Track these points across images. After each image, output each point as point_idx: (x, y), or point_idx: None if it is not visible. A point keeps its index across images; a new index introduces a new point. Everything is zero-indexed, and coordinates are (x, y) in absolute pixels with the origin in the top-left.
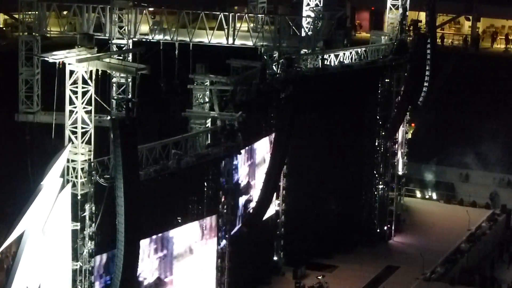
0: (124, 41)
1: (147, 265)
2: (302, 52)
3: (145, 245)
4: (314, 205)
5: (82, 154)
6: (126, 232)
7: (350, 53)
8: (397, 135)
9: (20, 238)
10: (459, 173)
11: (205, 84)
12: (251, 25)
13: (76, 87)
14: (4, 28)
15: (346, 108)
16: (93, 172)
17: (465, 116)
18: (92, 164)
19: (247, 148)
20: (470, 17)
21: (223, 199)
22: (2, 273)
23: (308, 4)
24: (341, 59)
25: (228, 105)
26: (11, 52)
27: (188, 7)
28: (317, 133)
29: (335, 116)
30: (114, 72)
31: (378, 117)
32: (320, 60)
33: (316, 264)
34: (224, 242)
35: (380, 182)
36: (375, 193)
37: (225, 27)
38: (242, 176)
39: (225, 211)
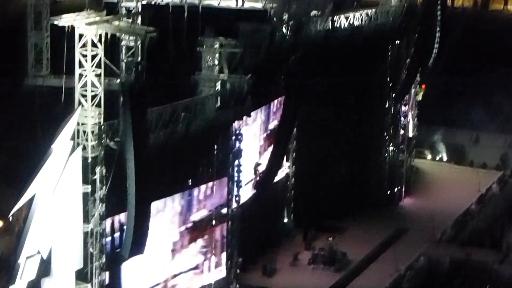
0: (133, 4)
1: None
2: (311, 14)
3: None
4: (324, 167)
5: (92, 117)
6: (136, 195)
7: (360, 15)
8: (407, 97)
9: (31, 201)
10: (469, 135)
11: (214, 47)
12: None
13: (86, 50)
14: None
15: (356, 71)
16: (103, 135)
17: (475, 78)
18: (102, 127)
19: (256, 111)
20: None
21: (232, 162)
22: (13, 237)
23: None
24: (351, 21)
25: (237, 68)
26: (20, 16)
27: None
28: (327, 95)
29: (345, 79)
30: (123, 35)
31: (388, 79)
32: (329, 23)
33: (326, 226)
34: (234, 205)
35: (390, 144)
36: (385, 155)
37: None
38: (251, 139)
39: (235, 174)
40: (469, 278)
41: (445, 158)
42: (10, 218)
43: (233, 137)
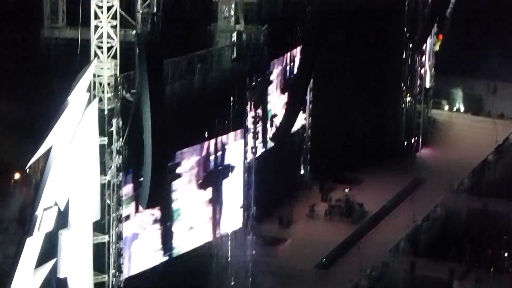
0: None
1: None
2: None
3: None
4: (340, 118)
5: (108, 69)
6: (153, 146)
7: None
8: (424, 47)
9: (48, 153)
10: (487, 85)
11: None
12: None
13: (101, 2)
14: None
15: (373, 21)
16: (119, 87)
17: (493, 27)
18: (118, 79)
19: (273, 61)
20: None
21: (249, 114)
22: (31, 188)
23: None
24: None
25: (253, 18)
26: None
27: None
28: (344, 46)
29: (362, 29)
30: None
31: (405, 30)
32: None
33: (343, 177)
34: (251, 156)
35: (408, 95)
36: (402, 106)
37: None
38: (268, 91)
39: (252, 125)
40: (486, 228)
41: (462, 109)
42: (28, 170)
43: (250, 88)
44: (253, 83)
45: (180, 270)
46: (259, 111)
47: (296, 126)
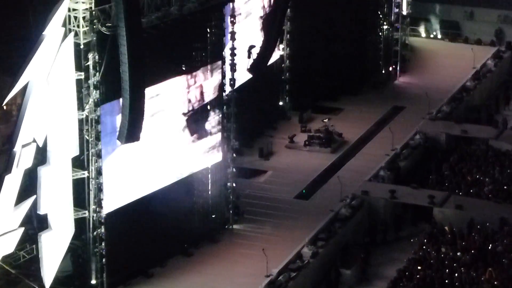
0: None
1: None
2: None
3: None
4: (318, 48)
5: (83, 2)
6: (130, 80)
7: None
8: None
9: (24, 89)
10: (463, 11)
11: None
12: None
13: None
14: None
15: None
16: (95, 21)
17: None
18: (94, 12)
19: None
20: None
21: (227, 45)
22: (8, 125)
23: None
24: None
25: None
26: None
27: None
28: None
29: None
30: None
31: None
32: None
33: (322, 107)
34: (229, 88)
35: (385, 23)
36: (380, 34)
37: None
38: (245, 21)
39: (229, 56)
40: (465, 154)
41: (439, 35)
42: (4, 107)
43: (227, 19)
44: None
45: (161, 204)
46: (237, 42)
47: (274, 57)
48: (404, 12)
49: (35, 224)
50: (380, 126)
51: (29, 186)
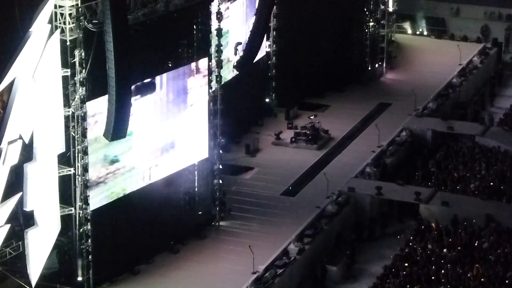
0: None
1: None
2: None
3: None
4: (305, 45)
5: None
6: (116, 77)
7: None
8: None
9: (11, 85)
10: (449, 7)
11: None
12: None
13: None
14: None
15: None
16: (81, 18)
17: None
18: (80, 9)
19: None
20: None
21: (213, 41)
22: None
23: None
24: None
25: None
26: None
27: None
28: None
29: None
30: None
31: None
32: None
33: (308, 104)
34: (215, 85)
35: (371, 20)
36: (366, 31)
37: None
38: (232, 17)
39: (215, 53)
40: (452, 151)
41: (425, 32)
42: None
43: (213, 16)
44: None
45: (147, 201)
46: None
47: (261, 54)
48: (390, 9)
49: (21, 221)
50: (367, 122)
51: (15, 182)
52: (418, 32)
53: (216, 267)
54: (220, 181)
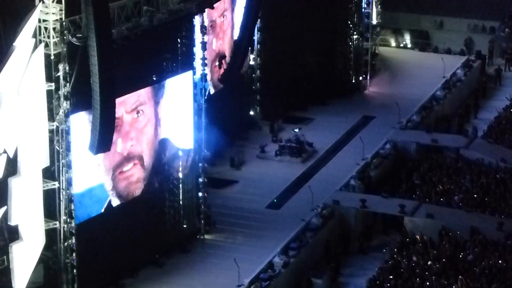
0: None
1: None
2: None
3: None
4: (289, 58)
5: (53, 13)
6: (101, 91)
7: None
8: None
9: None
10: (433, 20)
11: None
12: None
13: None
14: None
15: None
16: (65, 32)
17: None
18: (64, 23)
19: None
20: None
21: (197, 55)
22: None
23: None
24: None
25: None
26: None
27: None
28: None
29: None
30: None
31: None
32: None
33: (293, 117)
34: (199, 98)
35: (355, 33)
36: (350, 43)
37: None
38: (216, 32)
39: (201, 67)
40: (436, 163)
41: (409, 45)
42: None
43: (197, 30)
44: (201, 24)
45: (131, 214)
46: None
47: (245, 67)
48: (374, 22)
49: (6, 235)
50: (351, 135)
51: None
52: (402, 45)
53: (201, 280)
54: (205, 194)
